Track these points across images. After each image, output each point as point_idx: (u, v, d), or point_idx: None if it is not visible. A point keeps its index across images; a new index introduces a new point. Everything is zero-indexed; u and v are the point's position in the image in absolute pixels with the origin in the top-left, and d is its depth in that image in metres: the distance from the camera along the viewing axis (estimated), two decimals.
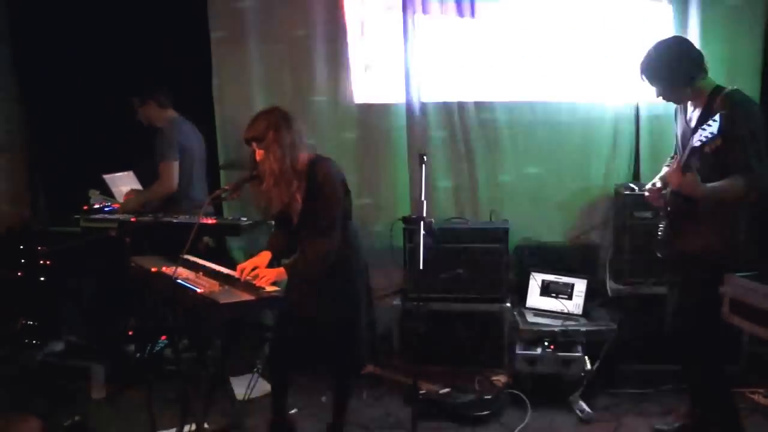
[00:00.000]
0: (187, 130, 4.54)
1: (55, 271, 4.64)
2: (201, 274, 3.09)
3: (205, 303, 2.73)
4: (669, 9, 4.51)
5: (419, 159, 3.81)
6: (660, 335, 3.52)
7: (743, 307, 2.76)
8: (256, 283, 2.98)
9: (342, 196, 3.23)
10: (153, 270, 3.14)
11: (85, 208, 4.47)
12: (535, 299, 4.42)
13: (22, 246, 4.69)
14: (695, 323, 3.10)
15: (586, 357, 3.98)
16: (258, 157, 3.15)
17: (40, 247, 4.66)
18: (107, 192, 4.66)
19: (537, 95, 4.76)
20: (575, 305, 4.32)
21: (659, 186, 3.24)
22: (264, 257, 3.21)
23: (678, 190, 2.99)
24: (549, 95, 4.75)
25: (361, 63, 4.95)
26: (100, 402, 4.12)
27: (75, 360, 4.34)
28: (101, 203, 4.55)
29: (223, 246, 4.95)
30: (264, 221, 4.03)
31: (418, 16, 4.74)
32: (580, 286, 4.34)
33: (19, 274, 4.67)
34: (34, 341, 4.62)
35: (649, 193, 3.26)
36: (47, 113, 5.26)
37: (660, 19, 4.53)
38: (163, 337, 4.37)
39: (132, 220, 4.14)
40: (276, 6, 4.98)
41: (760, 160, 2.90)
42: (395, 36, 4.81)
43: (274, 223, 3.52)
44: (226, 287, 2.89)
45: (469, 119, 4.81)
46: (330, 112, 4.97)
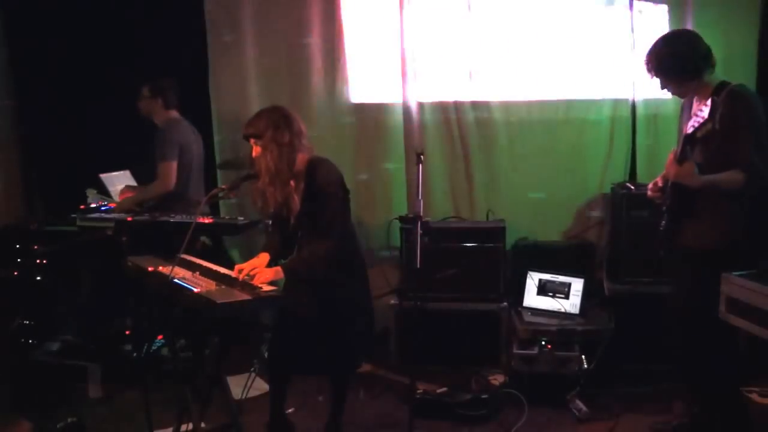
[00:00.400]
0: (187, 130, 4.53)
1: (52, 271, 4.62)
2: (198, 273, 3.08)
3: (202, 302, 2.72)
4: (665, 8, 4.52)
5: (416, 158, 3.81)
6: (657, 334, 3.52)
7: (740, 306, 2.76)
8: (253, 283, 2.97)
9: (341, 197, 3.23)
10: (150, 269, 3.13)
11: (82, 207, 4.46)
12: (532, 298, 4.42)
13: (18, 245, 4.67)
14: (699, 319, 3.08)
15: (583, 356, 3.98)
16: (254, 154, 3.15)
17: (36, 246, 4.64)
18: (104, 191, 4.65)
19: (533, 94, 4.77)
20: (572, 304, 4.32)
21: (660, 184, 3.24)
22: (262, 259, 3.20)
23: (676, 180, 2.99)
24: (545, 94, 4.75)
25: (358, 62, 4.95)
26: (96, 402, 4.11)
27: (71, 359, 4.32)
28: (98, 202, 4.54)
29: (220, 245, 4.95)
30: (261, 220, 4.02)
31: (414, 15, 4.74)
32: (576, 285, 4.34)
33: (15, 273, 4.65)
34: (30, 341, 4.60)
35: (651, 191, 3.26)
36: (43, 111, 5.24)
37: (656, 18, 4.54)
38: (160, 337, 4.37)
39: (129, 219, 4.13)
40: (273, 5, 4.98)
41: (760, 153, 2.90)
42: (392, 35, 4.81)
43: (270, 223, 3.51)
44: (223, 287, 2.88)
45: (466, 118, 4.82)
46: (327, 111, 4.97)
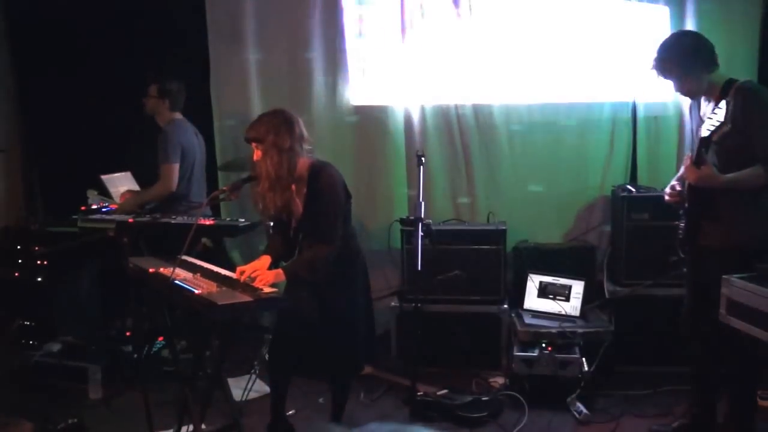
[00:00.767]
0: (189, 132, 4.53)
1: (53, 272, 4.63)
2: (199, 275, 3.08)
3: (203, 304, 2.72)
4: (666, 10, 4.52)
5: (417, 160, 3.82)
6: (658, 336, 3.52)
7: (741, 309, 2.76)
8: (254, 285, 2.97)
9: (343, 202, 3.23)
10: (151, 271, 3.13)
11: (83, 208, 4.46)
12: (533, 301, 4.42)
13: (19, 246, 4.68)
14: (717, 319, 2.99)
15: (583, 358, 3.98)
16: (255, 158, 3.15)
17: (37, 248, 4.65)
18: (105, 192, 4.65)
19: (534, 97, 4.77)
20: (572, 307, 4.31)
21: (678, 187, 3.22)
22: (264, 261, 3.20)
23: (696, 184, 2.97)
24: (546, 97, 4.75)
25: (359, 65, 4.95)
26: (97, 403, 4.11)
27: (72, 361, 4.32)
28: (99, 203, 4.54)
29: (221, 247, 4.95)
30: (262, 222, 4.02)
31: (415, 18, 4.75)
32: (577, 287, 4.34)
33: (16, 274, 4.66)
34: (31, 342, 4.61)
35: (669, 196, 3.24)
36: (45, 113, 5.25)
37: (657, 20, 4.54)
38: (161, 338, 4.37)
39: (130, 220, 4.13)
40: (275, 8, 4.99)
41: None
42: (393, 38, 4.82)
43: (272, 225, 3.51)
44: (223, 288, 2.88)
45: (467, 121, 4.82)
46: (328, 113, 4.97)
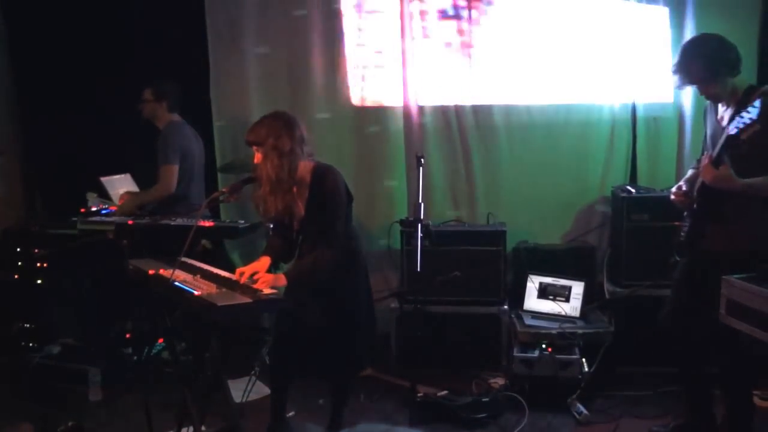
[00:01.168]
0: (188, 133, 4.53)
1: (52, 274, 4.63)
2: (198, 276, 3.08)
3: (203, 305, 2.72)
4: (665, 11, 4.53)
5: (416, 161, 3.82)
6: (658, 337, 3.49)
7: (740, 309, 2.75)
8: (254, 286, 2.97)
9: (345, 205, 3.22)
10: (150, 272, 3.13)
11: (83, 210, 4.46)
12: (533, 302, 4.41)
13: (18, 248, 4.68)
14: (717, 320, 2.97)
15: (583, 359, 3.98)
16: (256, 160, 3.15)
17: (36, 250, 4.65)
18: (104, 194, 4.65)
19: (534, 98, 4.77)
20: (572, 307, 4.31)
21: (685, 188, 3.21)
22: (264, 262, 3.20)
23: (712, 184, 2.95)
24: (546, 97, 4.76)
25: (359, 66, 4.95)
26: (97, 405, 4.10)
27: (72, 363, 4.32)
28: (99, 205, 4.54)
29: (221, 248, 4.95)
30: (261, 224, 4.02)
31: (415, 18, 4.74)
32: (577, 288, 4.34)
33: (16, 276, 4.66)
34: (30, 344, 4.61)
35: (675, 196, 3.23)
36: (45, 115, 5.24)
37: (656, 21, 4.55)
38: (161, 340, 4.37)
39: (129, 222, 4.13)
40: (275, 9, 4.99)
41: None
42: (393, 39, 4.82)
43: (272, 227, 3.51)
44: (223, 290, 2.88)
45: (466, 122, 4.82)
46: (328, 114, 4.97)
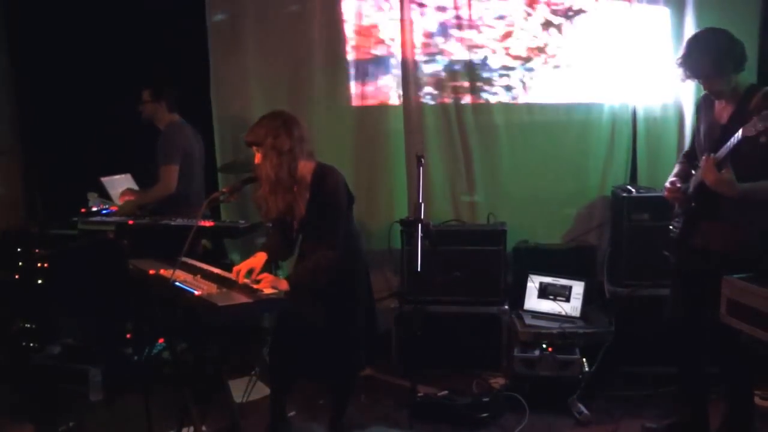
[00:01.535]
0: (189, 133, 4.53)
1: (53, 274, 4.63)
2: (199, 276, 3.08)
3: (203, 305, 2.72)
4: (666, 11, 4.53)
5: (417, 161, 3.81)
6: (658, 337, 3.50)
7: (741, 309, 2.76)
8: (255, 287, 2.97)
9: (345, 206, 3.22)
10: (151, 272, 3.13)
11: (83, 210, 4.46)
12: (533, 301, 4.42)
13: (19, 248, 4.68)
14: (714, 319, 2.99)
15: (584, 359, 3.98)
16: (256, 161, 3.15)
17: (37, 250, 4.65)
18: (105, 194, 4.65)
19: (534, 97, 4.77)
20: (573, 307, 4.31)
21: (678, 183, 3.20)
22: (259, 258, 3.20)
23: (713, 187, 2.93)
24: (546, 97, 4.76)
25: (359, 66, 4.95)
26: (97, 405, 4.11)
27: (72, 363, 4.32)
28: (99, 206, 4.54)
29: (221, 248, 4.95)
30: (262, 223, 4.02)
31: (415, 16, 4.74)
32: (577, 288, 4.34)
33: (16, 276, 4.66)
34: (31, 344, 4.61)
35: (669, 191, 3.22)
36: (44, 115, 5.25)
37: (656, 21, 4.54)
38: (161, 340, 4.37)
39: (130, 222, 4.13)
40: (275, 8, 4.99)
41: None
42: (393, 37, 4.82)
43: (271, 225, 3.51)
44: (224, 290, 2.89)
45: (467, 121, 4.82)
46: (328, 113, 4.97)
